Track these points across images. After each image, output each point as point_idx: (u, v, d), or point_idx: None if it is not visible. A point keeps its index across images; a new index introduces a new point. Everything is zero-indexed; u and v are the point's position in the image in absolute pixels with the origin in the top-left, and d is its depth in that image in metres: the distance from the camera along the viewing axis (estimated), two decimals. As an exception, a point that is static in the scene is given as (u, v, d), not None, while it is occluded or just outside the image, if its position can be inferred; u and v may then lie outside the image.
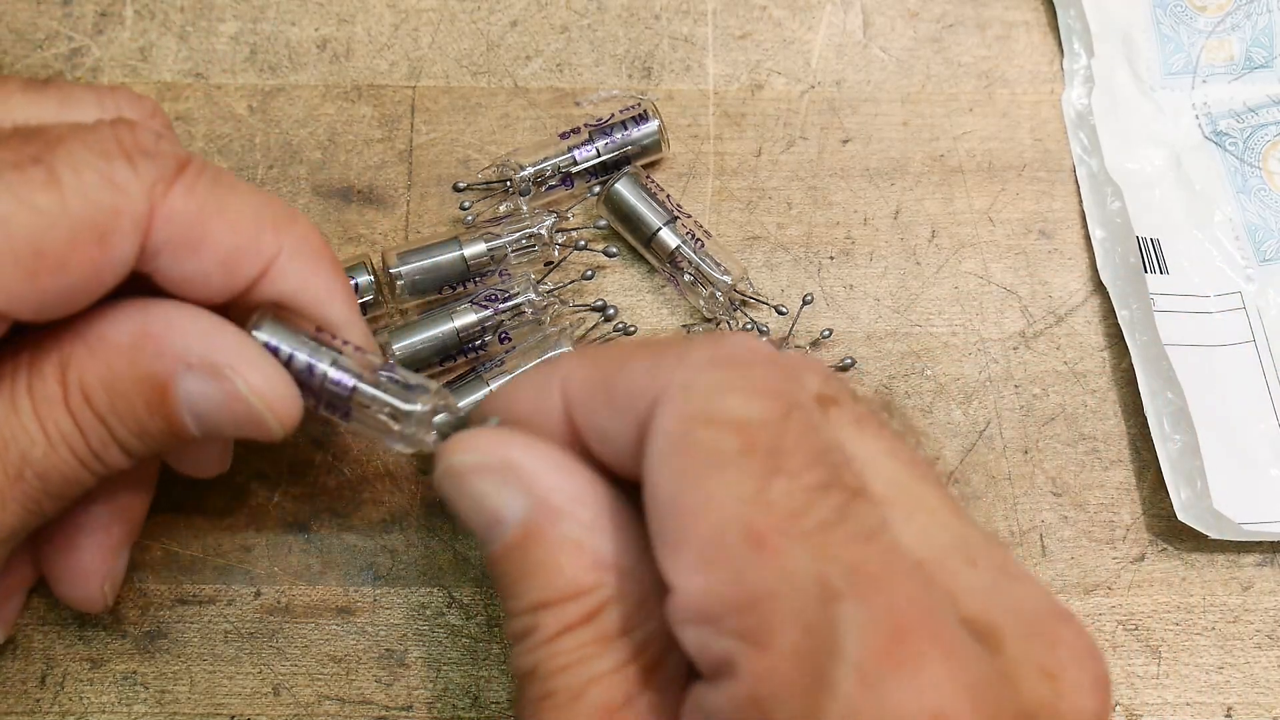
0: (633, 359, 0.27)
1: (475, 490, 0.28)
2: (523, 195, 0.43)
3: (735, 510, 0.24)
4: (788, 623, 0.23)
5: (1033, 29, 0.49)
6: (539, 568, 0.27)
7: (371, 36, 0.47)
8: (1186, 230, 0.45)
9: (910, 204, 0.46)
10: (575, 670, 0.26)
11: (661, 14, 0.48)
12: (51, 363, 0.30)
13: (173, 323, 0.30)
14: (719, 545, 0.24)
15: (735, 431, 0.25)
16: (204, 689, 0.39)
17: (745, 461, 0.24)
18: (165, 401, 0.30)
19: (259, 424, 0.31)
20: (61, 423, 0.30)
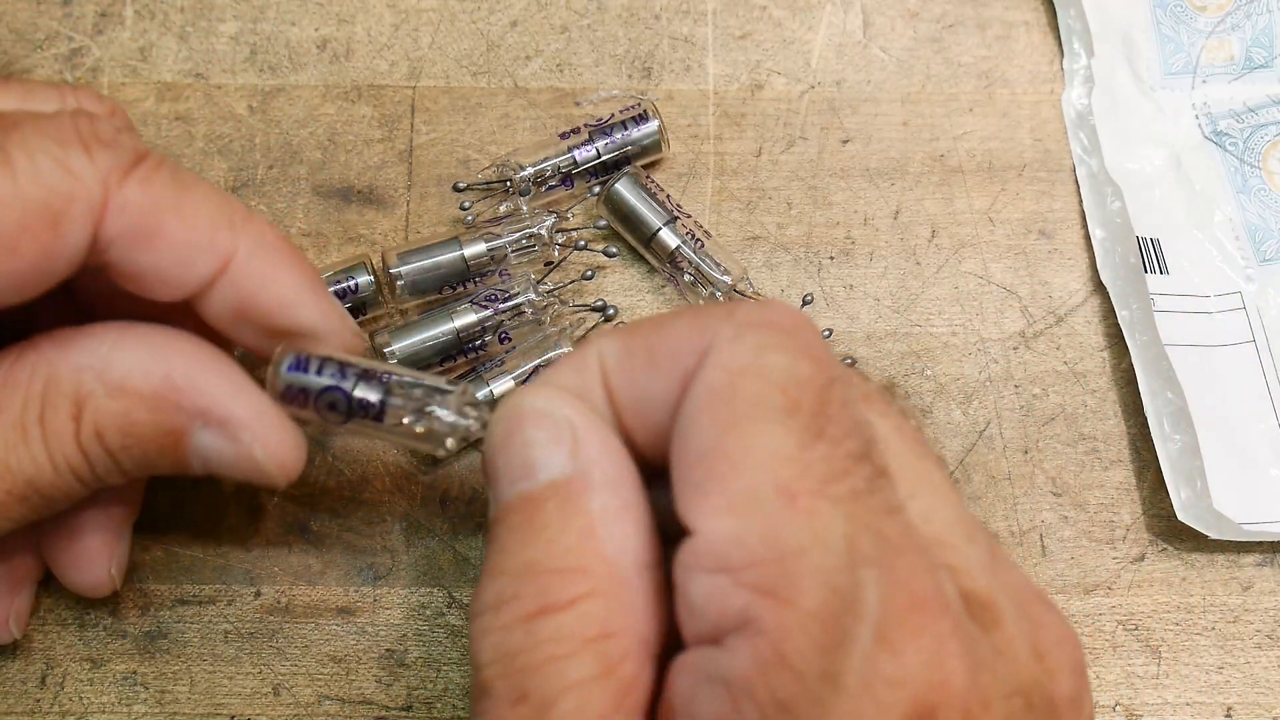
0: (676, 320, 0.27)
1: (526, 435, 0.27)
2: (523, 195, 0.43)
3: (774, 464, 0.24)
4: (814, 580, 0.23)
5: (1033, 29, 0.49)
6: (544, 528, 0.26)
7: (371, 36, 0.47)
8: (1186, 230, 0.45)
9: (910, 204, 0.46)
10: (553, 671, 0.25)
11: (661, 14, 0.48)
12: (67, 398, 0.30)
13: (196, 377, 0.31)
14: (753, 496, 0.24)
15: (781, 389, 0.25)
16: (204, 689, 0.39)
17: (789, 419, 0.25)
18: (177, 449, 0.31)
19: (264, 478, 0.32)
20: (71, 456, 0.30)
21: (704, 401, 0.25)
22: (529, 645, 0.25)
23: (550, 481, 0.27)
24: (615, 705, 0.25)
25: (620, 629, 0.25)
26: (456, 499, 0.41)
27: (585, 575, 0.26)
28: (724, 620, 0.23)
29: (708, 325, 0.26)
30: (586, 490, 0.27)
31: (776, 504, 0.24)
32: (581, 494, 0.27)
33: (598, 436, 0.27)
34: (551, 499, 0.27)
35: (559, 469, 0.27)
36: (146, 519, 0.40)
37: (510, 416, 0.28)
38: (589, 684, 0.25)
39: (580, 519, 0.26)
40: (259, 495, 0.41)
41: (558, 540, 0.26)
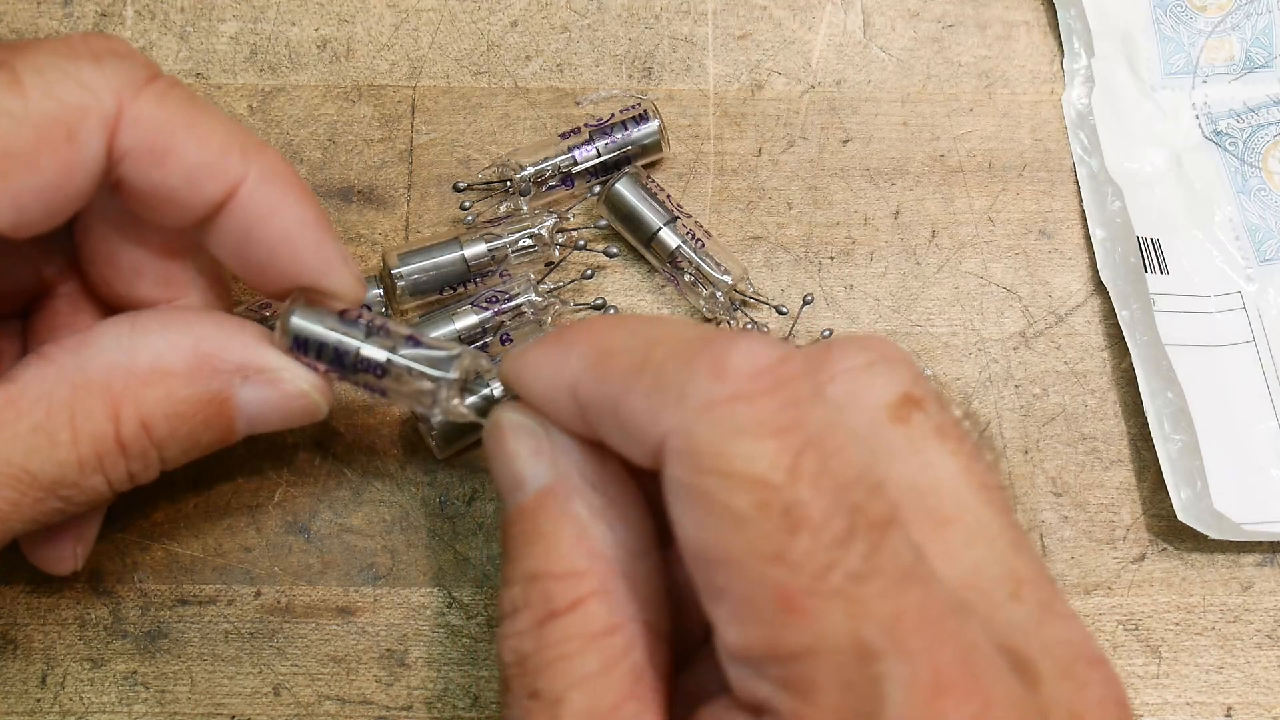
0: (635, 387, 0.25)
1: (509, 449, 0.29)
2: (523, 195, 0.43)
3: (763, 569, 0.23)
4: (828, 680, 0.23)
5: (1033, 29, 0.49)
6: (540, 537, 0.27)
7: (371, 36, 0.47)
8: (1186, 230, 0.45)
9: (910, 204, 0.46)
10: (562, 668, 0.26)
11: (661, 14, 0.48)
12: (98, 400, 0.30)
13: (223, 338, 0.32)
14: (751, 604, 0.23)
15: (747, 487, 0.23)
16: (204, 689, 0.39)
17: (762, 519, 0.23)
18: (224, 415, 0.32)
19: (312, 412, 0.33)
20: (107, 455, 0.30)
21: (681, 502, 0.24)
22: (539, 648, 0.26)
23: (537, 490, 0.28)
24: (626, 693, 0.26)
25: (624, 620, 0.26)
26: (456, 499, 0.41)
27: (583, 578, 0.27)
28: (754, 703, 0.24)
29: (662, 406, 0.25)
30: (570, 495, 0.28)
31: (775, 611, 0.23)
32: (567, 499, 0.28)
33: (573, 442, 0.28)
34: (541, 508, 0.28)
35: (543, 477, 0.28)
36: (146, 519, 0.40)
37: (494, 431, 0.30)
38: (596, 678, 0.26)
39: (570, 523, 0.27)
40: (259, 495, 0.41)
41: (554, 547, 0.27)
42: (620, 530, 0.28)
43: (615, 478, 0.28)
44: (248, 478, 0.41)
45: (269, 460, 0.41)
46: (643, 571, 0.27)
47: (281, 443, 0.41)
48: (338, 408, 0.42)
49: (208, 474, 0.41)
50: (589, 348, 0.27)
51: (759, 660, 0.24)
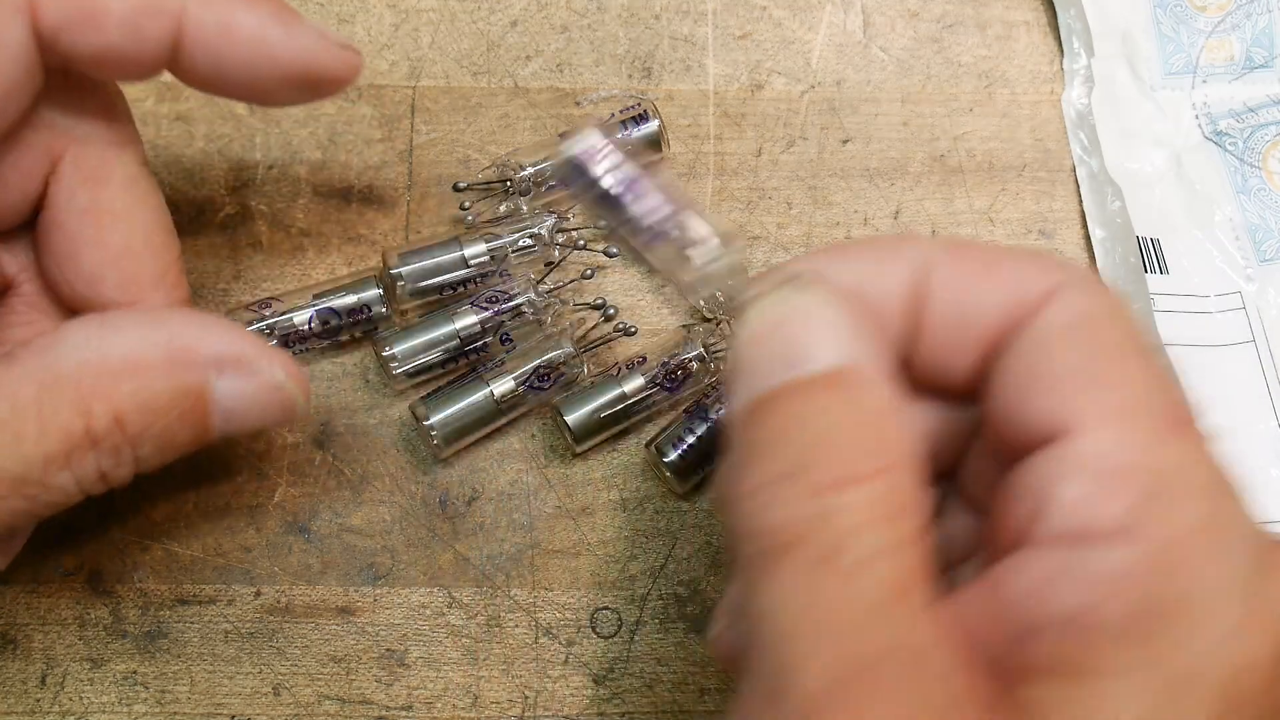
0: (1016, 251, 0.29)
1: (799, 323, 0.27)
2: (523, 195, 0.43)
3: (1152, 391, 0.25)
4: (1198, 497, 0.24)
5: (1033, 29, 0.49)
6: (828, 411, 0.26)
7: (371, 36, 0.47)
8: (1186, 230, 0.45)
9: (910, 204, 0.46)
10: (865, 536, 0.24)
11: (661, 14, 0.48)
12: (69, 396, 0.29)
13: (196, 331, 0.31)
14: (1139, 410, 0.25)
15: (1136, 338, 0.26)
16: (204, 689, 0.39)
17: (1153, 362, 0.26)
18: (200, 409, 0.31)
19: (288, 407, 0.32)
20: (75, 452, 0.30)
21: (1073, 326, 0.26)
22: (832, 511, 0.24)
23: (825, 370, 0.26)
24: (914, 577, 0.24)
25: (912, 510, 0.25)
26: (456, 499, 0.41)
27: (876, 454, 0.25)
28: (1097, 523, 0.24)
29: (1051, 267, 0.28)
30: (864, 380, 0.26)
31: (1162, 422, 0.25)
32: (860, 384, 0.26)
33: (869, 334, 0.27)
34: (828, 386, 0.26)
35: (833, 357, 0.26)
36: (146, 519, 0.40)
37: (782, 305, 0.28)
38: (897, 551, 0.24)
39: (865, 406, 0.26)
40: (259, 495, 0.41)
41: (844, 421, 0.26)
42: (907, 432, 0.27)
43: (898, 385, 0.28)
44: (248, 478, 0.41)
45: (269, 460, 0.41)
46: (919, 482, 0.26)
47: (281, 443, 0.41)
48: (338, 407, 0.42)
49: (208, 474, 0.41)
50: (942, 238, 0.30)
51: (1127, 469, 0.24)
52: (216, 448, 0.41)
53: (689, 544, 0.41)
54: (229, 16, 0.32)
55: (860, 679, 0.23)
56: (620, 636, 0.39)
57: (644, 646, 0.39)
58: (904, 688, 0.23)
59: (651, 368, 0.41)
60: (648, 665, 0.39)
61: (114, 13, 0.30)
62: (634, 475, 0.41)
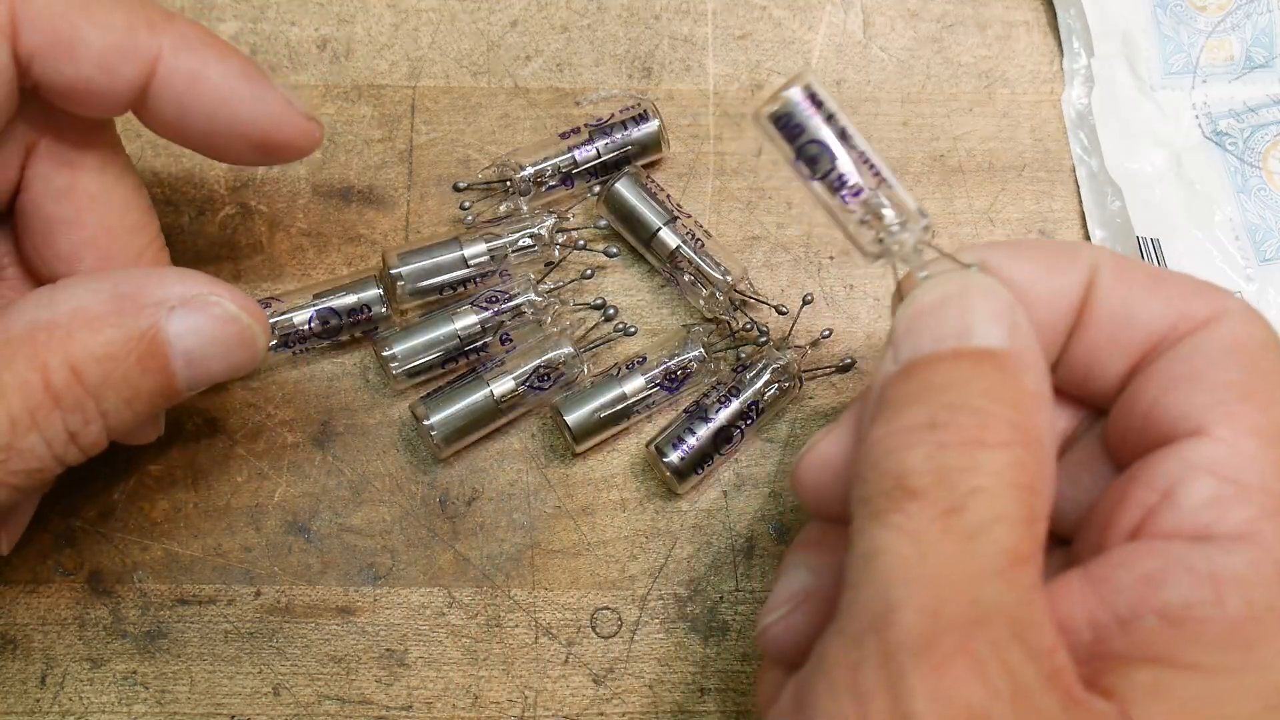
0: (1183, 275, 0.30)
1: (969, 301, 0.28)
2: (523, 195, 0.43)
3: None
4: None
5: (1033, 29, 0.49)
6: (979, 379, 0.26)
7: (371, 36, 0.47)
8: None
9: (910, 204, 0.46)
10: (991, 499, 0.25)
11: (661, 14, 0.48)
12: (22, 355, 0.29)
13: (142, 277, 0.31)
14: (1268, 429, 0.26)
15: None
16: (204, 689, 0.39)
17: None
18: (157, 352, 0.31)
19: (248, 342, 0.32)
20: (38, 409, 0.29)
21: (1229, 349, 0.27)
22: (969, 466, 0.25)
23: (984, 347, 0.27)
24: (1030, 550, 0.25)
25: (1040, 488, 0.26)
26: (456, 499, 0.41)
27: (1020, 429, 0.26)
28: (1221, 525, 0.25)
29: (1217, 295, 0.29)
30: (1020, 367, 0.27)
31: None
32: (1015, 367, 0.27)
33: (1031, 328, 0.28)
34: (988, 360, 0.27)
35: (996, 339, 0.27)
36: (146, 519, 0.40)
37: (954, 284, 0.28)
38: (1019, 523, 0.25)
39: (1017, 385, 0.27)
40: (259, 495, 0.41)
41: (994, 392, 0.26)
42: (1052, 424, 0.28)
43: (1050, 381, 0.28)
44: (248, 478, 0.41)
45: (269, 460, 0.41)
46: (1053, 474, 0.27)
47: (281, 443, 0.41)
48: (338, 407, 0.42)
49: (208, 474, 0.41)
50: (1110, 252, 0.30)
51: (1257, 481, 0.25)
52: (217, 448, 0.41)
53: (689, 544, 0.41)
54: (200, 67, 0.32)
55: (957, 636, 0.23)
56: (620, 636, 0.39)
57: (644, 646, 0.39)
58: (997, 656, 0.23)
59: (651, 368, 0.41)
60: (648, 665, 0.39)
61: (91, 47, 0.31)
62: (634, 475, 0.41)
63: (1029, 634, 0.23)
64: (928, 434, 0.25)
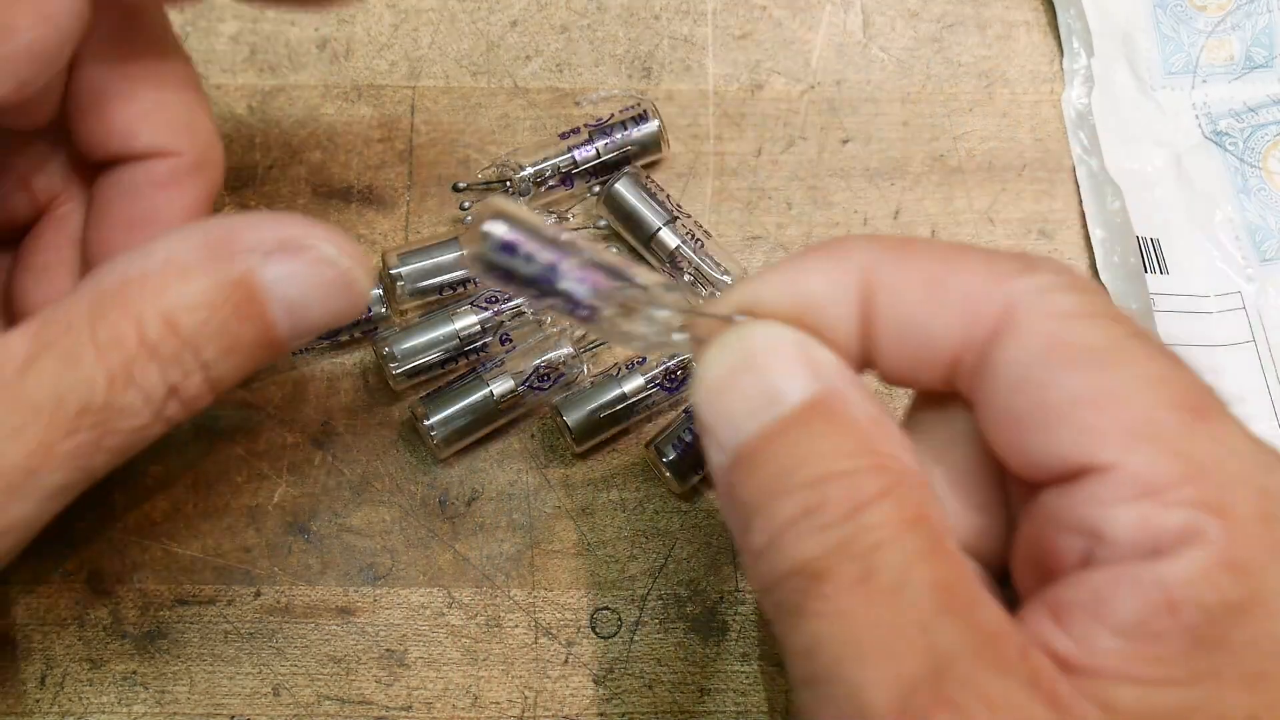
0: (965, 260, 0.27)
1: (761, 363, 0.27)
2: (523, 195, 0.43)
3: (1161, 390, 0.24)
4: (1245, 486, 0.24)
5: (1033, 29, 0.49)
6: (822, 441, 0.25)
7: (371, 36, 0.47)
8: (1186, 230, 0.45)
9: (910, 204, 0.46)
10: (895, 548, 0.24)
11: (661, 14, 0.48)
12: (115, 308, 0.28)
13: (233, 224, 0.29)
14: (1156, 422, 0.24)
15: (1118, 321, 0.25)
16: (204, 689, 0.39)
17: (1144, 345, 0.25)
18: (254, 299, 0.29)
19: (349, 286, 0.30)
20: (135, 361, 0.28)
21: (1050, 350, 0.25)
22: (861, 531, 0.24)
23: (803, 403, 0.26)
24: (956, 577, 0.24)
25: (932, 511, 0.25)
26: (456, 499, 0.41)
27: (884, 469, 0.25)
28: (1160, 540, 0.24)
29: (1004, 274, 0.26)
30: (845, 400, 0.26)
31: (1181, 422, 0.24)
32: (843, 403, 0.26)
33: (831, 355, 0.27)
34: (814, 416, 0.26)
35: (805, 389, 0.26)
36: (146, 519, 0.40)
37: (735, 351, 0.27)
38: (932, 554, 0.24)
39: (853, 425, 0.26)
40: (259, 495, 0.41)
41: (843, 445, 0.25)
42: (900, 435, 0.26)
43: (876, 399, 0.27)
44: (247, 478, 0.41)
45: (269, 460, 0.41)
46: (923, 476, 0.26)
47: (281, 443, 0.41)
48: (338, 407, 0.42)
49: (208, 474, 0.41)
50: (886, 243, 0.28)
51: (1168, 483, 0.24)
52: (217, 448, 0.41)
53: (689, 544, 0.41)
54: None
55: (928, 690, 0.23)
56: (620, 636, 0.39)
57: (644, 646, 0.39)
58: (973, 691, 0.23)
59: (651, 368, 0.41)
60: (647, 665, 0.39)
61: None
62: (634, 475, 0.41)
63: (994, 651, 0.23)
64: (807, 523, 0.25)
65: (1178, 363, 0.25)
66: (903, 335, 0.27)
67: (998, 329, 0.26)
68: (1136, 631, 0.23)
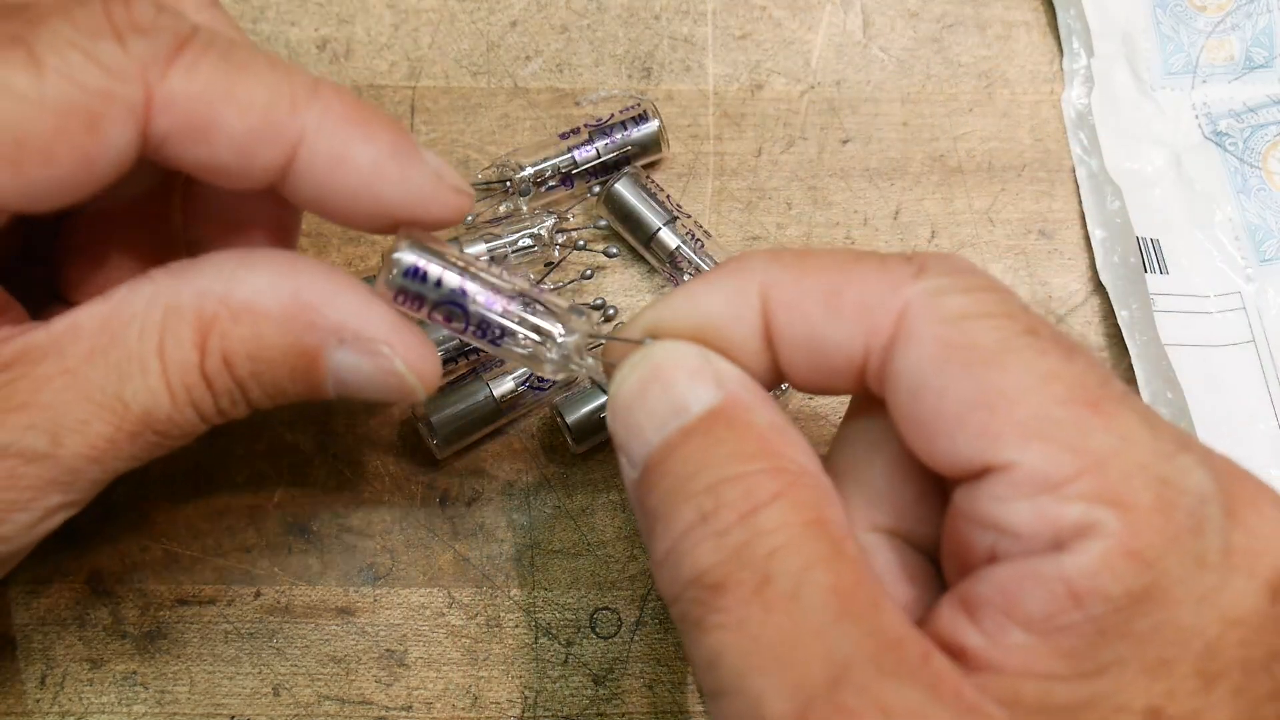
0: (859, 267, 0.27)
1: (666, 377, 0.28)
2: (523, 195, 0.43)
3: (1052, 384, 0.24)
4: (1142, 476, 0.24)
5: (1033, 29, 0.49)
6: (721, 446, 0.26)
7: (371, 36, 0.47)
8: (1186, 230, 0.45)
9: (910, 204, 0.46)
10: (790, 552, 0.24)
11: (661, 14, 0.48)
12: (188, 325, 0.29)
13: (326, 293, 0.30)
14: (1048, 417, 0.24)
15: (1010, 318, 0.25)
16: (204, 689, 0.39)
17: (1037, 341, 0.25)
18: (312, 371, 0.30)
19: (406, 392, 0.31)
20: (193, 386, 0.29)
21: (942, 354, 0.25)
22: (755, 536, 0.25)
23: (706, 411, 0.27)
24: (855, 581, 0.25)
25: (831, 514, 0.26)
26: (456, 499, 0.41)
27: (781, 471, 0.26)
28: (1060, 533, 0.24)
29: (897, 280, 0.26)
30: (746, 407, 0.27)
31: (1075, 416, 0.24)
32: (744, 410, 0.27)
33: (733, 367, 0.28)
34: (715, 423, 0.27)
35: (709, 398, 0.27)
36: (146, 519, 0.40)
37: (642, 368, 0.28)
38: (830, 558, 0.25)
39: (752, 431, 0.26)
40: (259, 495, 0.41)
41: (740, 449, 0.26)
42: (801, 440, 0.27)
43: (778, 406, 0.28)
44: (247, 478, 0.41)
45: (269, 460, 0.41)
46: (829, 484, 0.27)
47: (281, 443, 0.41)
48: (338, 406, 0.42)
49: (208, 474, 0.41)
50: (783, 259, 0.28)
51: (1064, 478, 0.24)
52: (217, 448, 0.41)
53: (689, 544, 0.41)
54: (345, 149, 0.29)
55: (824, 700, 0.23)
56: (620, 636, 0.39)
57: (644, 646, 0.39)
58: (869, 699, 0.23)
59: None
60: (647, 665, 0.39)
61: (228, 131, 0.28)
62: (634, 475, 0.41)
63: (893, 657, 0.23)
64: (704, 529, 0.25)
65: (1073, 356, 0.25)
66: (805, 349, 0.28)
67: (894, 336, 0.26)
68: (1043, 626, 0.24)
